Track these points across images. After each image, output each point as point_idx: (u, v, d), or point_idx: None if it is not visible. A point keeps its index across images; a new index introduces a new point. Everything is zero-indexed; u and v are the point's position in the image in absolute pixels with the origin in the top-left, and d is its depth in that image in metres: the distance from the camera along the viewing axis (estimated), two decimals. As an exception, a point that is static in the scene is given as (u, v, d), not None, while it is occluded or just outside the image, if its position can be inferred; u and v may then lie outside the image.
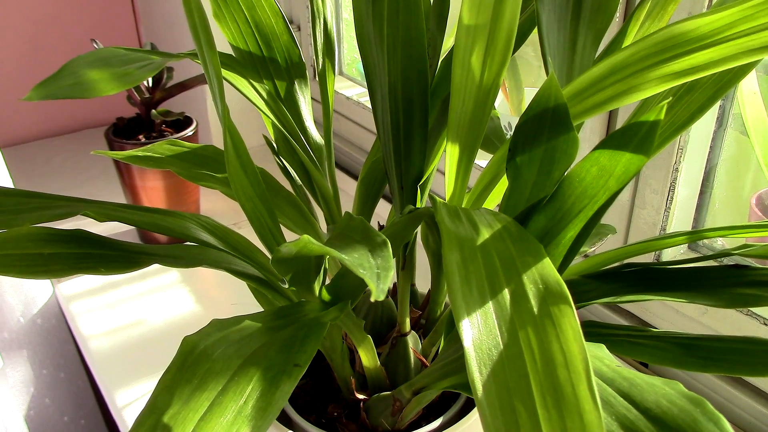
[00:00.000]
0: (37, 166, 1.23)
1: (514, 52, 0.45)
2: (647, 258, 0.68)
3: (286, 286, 0.34)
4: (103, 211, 0.39)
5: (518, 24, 0.43)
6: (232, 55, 0.56)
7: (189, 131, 0.95)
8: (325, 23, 0.56)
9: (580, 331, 0.25)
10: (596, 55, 0.42)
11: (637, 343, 0.36)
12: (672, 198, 0.64)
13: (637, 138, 0.30)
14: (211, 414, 0.24)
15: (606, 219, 0.71)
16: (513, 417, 0.24)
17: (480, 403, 0.24)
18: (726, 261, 0.59)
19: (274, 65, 0.57)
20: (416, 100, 0.38)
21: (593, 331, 0.38)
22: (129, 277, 0.92)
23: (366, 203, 0.54)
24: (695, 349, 0.35)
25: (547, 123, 0.34)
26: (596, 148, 0.31)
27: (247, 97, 0.54)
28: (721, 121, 0.64)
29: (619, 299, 0.37)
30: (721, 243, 0.69)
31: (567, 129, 0.34)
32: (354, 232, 0.29)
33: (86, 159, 1.24)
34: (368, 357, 0.46)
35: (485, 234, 0.30)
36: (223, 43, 0.60)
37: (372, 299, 0.20)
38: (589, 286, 0.40)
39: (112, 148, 0.96)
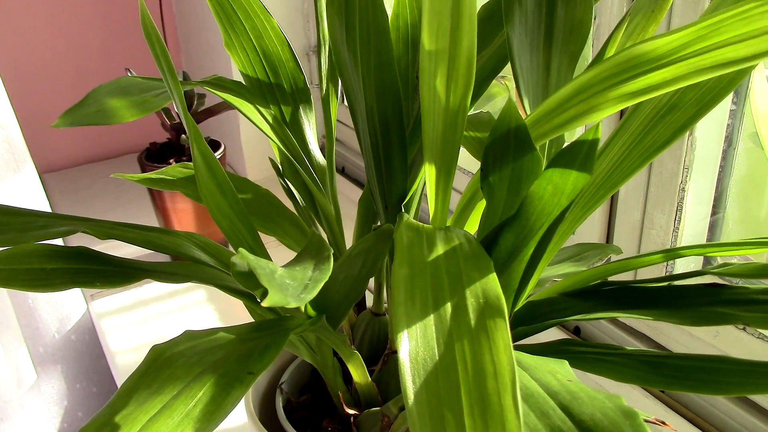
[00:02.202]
0: (80, 189, 1.29)
1: (496, 75, 0.46)
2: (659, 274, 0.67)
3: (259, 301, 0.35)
4: (102, 229, 0.42)
5: (494, 48, 0.44)
6: (240, 83, 0.59)
7: (217, 154, 0.98)
8: (329, 50, 0.58)
9: (510, 343, 0.26)
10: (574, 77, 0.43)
11: (606, 361, 0.36)
12: (680, 218, 0.63)
13: (580, 157, 0.30)
14: (160, 415, 0.26)
15: (618, 239, 0.71)
16: (441, 425, 0.24)
17: (410, 410, 0.25)
18: (737, 280, 0.58)
19: (281, 91, 0.59)
20: (392, 122, 0.40)
21: (567, 348, 0.39)
22: (158, 295, 0.96)
23: (366, 220, 0.55)
24: (662, 367, 0.35)
25: (512, 143, 0.35)
26: (548, 166, 0.32)
27: (253, 122, 0.56)
28: (730, 141, 0.64)
29: (590, 316, 0.38)
30: (737, 261, 0.68)
31: (530, 149, 0.35)
32: (312, 247, 0.30)
33: (125, 183, 1.29)
34: (358, 373, 0.47)
35: (439, 250, 0.31)
36: (234, 70, 0.63)
37: (264, 304, 0.22)
38: (566, 303, 0.41)
39: (144, 172, 1.00)
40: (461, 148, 0.40)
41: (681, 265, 0.67)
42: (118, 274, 0.42)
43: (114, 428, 0.25)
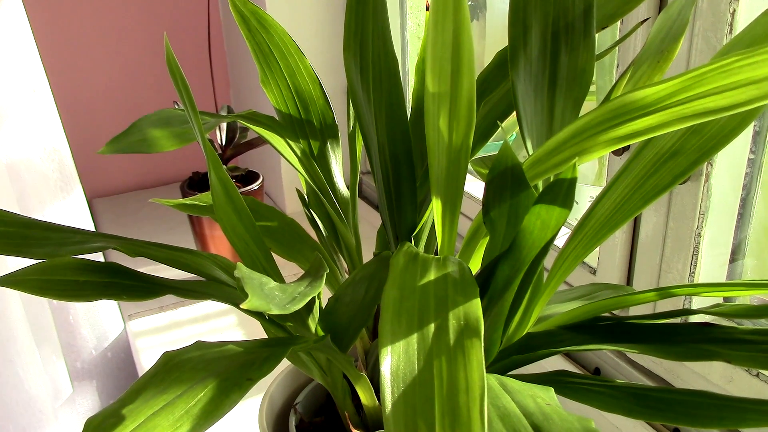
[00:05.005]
0: (128, 214, 1.35)
1: (506, 117, 0.48)
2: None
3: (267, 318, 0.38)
4: (132, 247, 0.45)
5: (504, 92, 0.47)
6: (273, 117, 0.63)
7: (255, 185, 1.03)
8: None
9: (483, 361, 0.28)
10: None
11: (594, 391, 0.38)
12: (696, 263, 0.64)
13: (561, 195, 0.33)
14: (162, 411, 0.29)
15: (637, 281, 0.72)
16: (413, 432, 0.27)
17: (387, 418, 0.27)
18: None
19: (310, 126, 0.63)
20: (401, 158, 0.42)
21: (559, 378, 0.40)
22: (192, 317, 0.99)
23: (384, 248, 0.58)
24: (646, 399, 0.36)
25: (509, 181, 0.38)
26: (536, 202, 0.35)
27: (282, 155, 0.60)
28: (748, 189, 0.64)
29: (582, 348, 0.39)
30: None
31: (525, 187, 0.37)
32: (313, 268, 0.33)
33: (168, 210, 1.35)
34: (366, 395, 0.49)
35: (431, 276, 0.33)
36: (268, 106, 0.67)
37: (243, 306, 0.24)
38: (563, 336, 0.42)
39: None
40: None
41: (698, 304, 0.67)
42: (143, 288, 0.45)
43: (119, 419, 0.28)
